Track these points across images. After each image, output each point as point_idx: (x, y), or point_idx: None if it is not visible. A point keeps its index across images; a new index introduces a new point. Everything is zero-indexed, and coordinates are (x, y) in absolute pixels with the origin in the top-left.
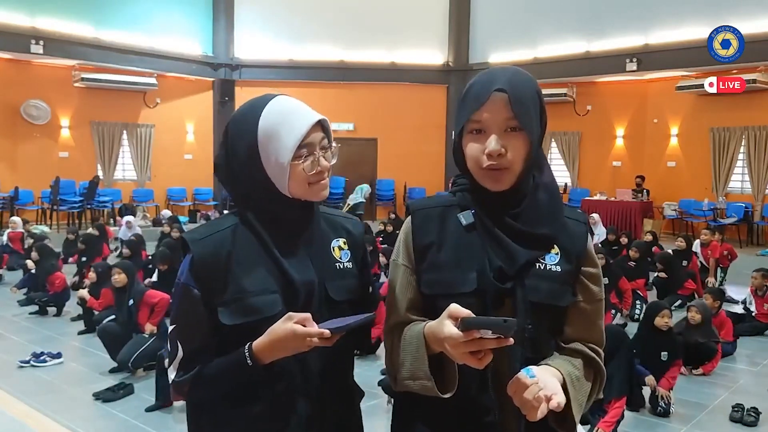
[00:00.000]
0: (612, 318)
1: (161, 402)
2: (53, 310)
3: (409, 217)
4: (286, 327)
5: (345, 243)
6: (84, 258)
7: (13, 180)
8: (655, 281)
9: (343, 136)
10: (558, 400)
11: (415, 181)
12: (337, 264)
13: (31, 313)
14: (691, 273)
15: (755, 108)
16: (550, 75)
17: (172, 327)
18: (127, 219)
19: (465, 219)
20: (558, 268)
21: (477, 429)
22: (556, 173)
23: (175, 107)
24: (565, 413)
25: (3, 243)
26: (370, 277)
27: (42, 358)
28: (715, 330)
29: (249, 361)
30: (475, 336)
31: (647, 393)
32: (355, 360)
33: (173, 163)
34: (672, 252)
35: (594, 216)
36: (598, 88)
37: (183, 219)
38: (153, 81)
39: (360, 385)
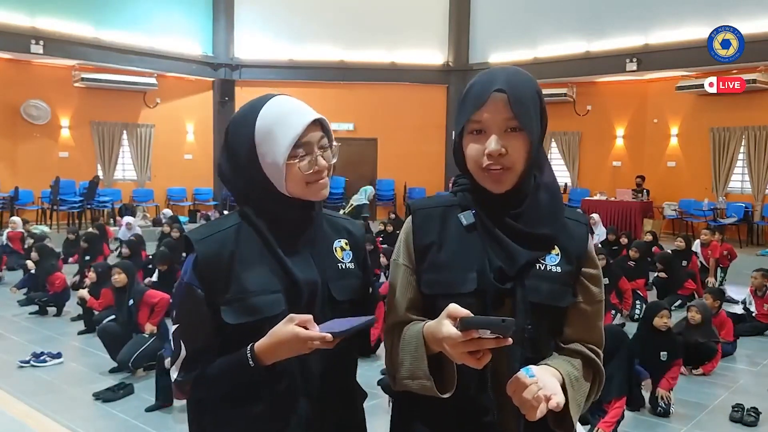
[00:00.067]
0: (612, 318)
1: (161, 402)
2: (53, 310)
3: (410, 217)
4: (287, 329)
5: (347, 244)
6: (87, 257)
7: (13, 180)
8: (655, 281)
9: (343, 136)
10: (557, 400)
11: (415, 181)
12: (340, 264)
13: (31, 313)
14: (691, 273)
15: (755, 108)
16: (550, 75)
17: (175, 326)
18: (127, 220)
19: (465, 219)
20: (558, 268)
21: (476, 429)
22: (556, 173)
23: (175, 107)
24: (564, 413)
25: (2, 243)
26: (370, 278)
27: (42, 358)
28: (715, 330)
29: (251, 362)
30: (474, 336)
31: (647, 393)
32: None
33: (173, 163)
34: (672, 252)
35: (594, 216)
36: (598, 88)
37: (183, 219)
38: (153, 81)
39: (361, 385)
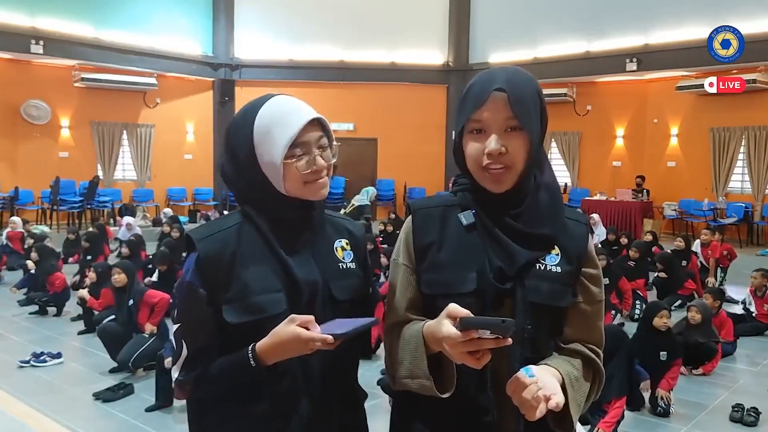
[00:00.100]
0: (612, 318)
1: (161, 402)
2: (53, 310)
3: (410, 217)
4: (289, 329)
5: (347, 244)
6: (89, 257)
7: (13, 180)
8: (655, 281)
9: (343, 136)
10: (557, 400)
11: (415, 181)
12: (341, 264)
13: (31, 313)
14: (691, 273)
15: (755, 108)
16: (550, 75)
17: (176, 326)
18: (127, 220)
19: (465, 219)
20: (558, 268)
21: (475, 429)
22: (556, 173)
23: (175, 107)
24: (564, 413)
25: (2, 243)
26: (371, 278)
27: (42, 358)
28: (715, 330)
29: (252, 362)
30: (474, 336)
31: (647, 393)
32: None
33: (173, 163)
34: (671, 252)
35: (594, 216)
36: (598, 88)
37: (183, 219)
38: (153, 81)
39: (361, 386)
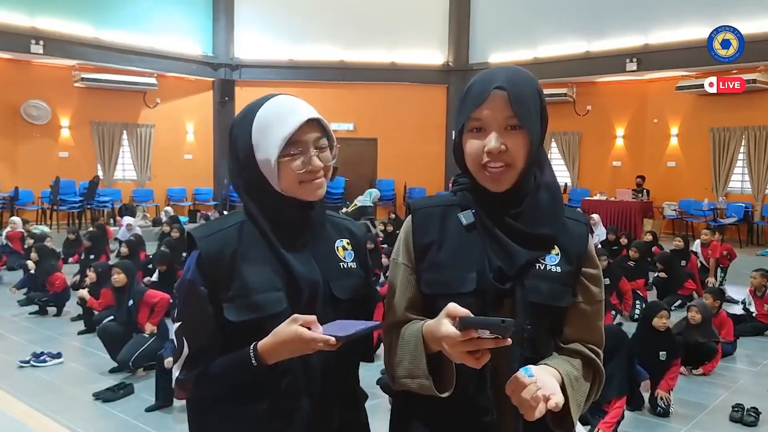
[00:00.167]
0: (612, 319)
1: (161, 402)
2: (53, 310)
3: (410, 216)
4: (291, 329)
5: (348, 243)
6: (92, 256)
7: (13, 180)
8: (655, 281)
9: (343, 136)
10: (556, 400)
11: (415, 181)
12: (342, 264)
13: (31, 313)
14: (690, 273)
15: (755, 108)
16: (550, 75)
17: (177, 324)
18: (127, 221)
19: (465, 219)
20: (558, 268)
21: (475, 429)
22: (556, 173)
23: (175, 107)
24: (564, 413)
25: (2, 243)
26: (371, 278)
27: (42, 358)
28: (715, 330)
29: (253, 361)
30: (473, 335)
31: (647, 393)
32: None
33: (173, 163)
34: (670, 252)
35: (594, 216)
36: (598, 88)
37: (183, 219)
38: (153, 81)
39: (361, 386)
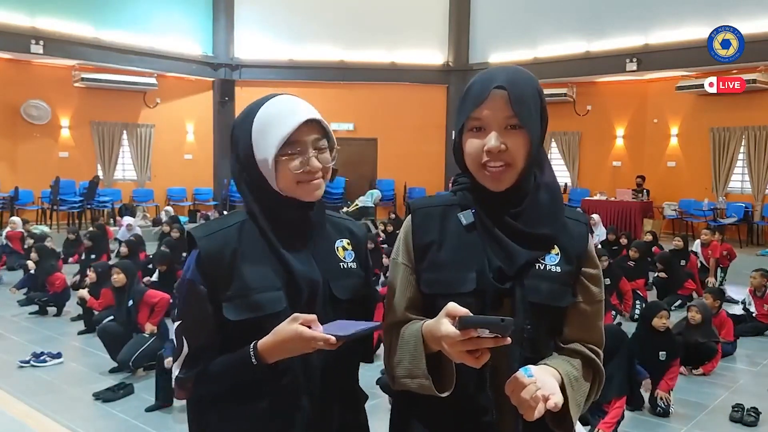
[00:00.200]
0: (612, 319)
1: (161, 402)
2: (53, 310)
3: (410, 216)
4: (291, 328)
5: (349, 243)
6: (93, 255)
7: (13, 180)
8: (655, 281)
9: (343, 136)
10: (555, 400)
11: (415, 181)
12: (342, 264)
13: (31, 313)
14: (690, 273)
15: (755, 108)
16: (550, 75)
17: (177, 323)
18: (128, 221)
19: (465, 218)
20: (558, 268)
21: (474, 428)
22: (556, 173)
23: (175, 107)
24: (563, 413)
25: (2, 243)
26: (371, 278)
27: (42, 358)
28: (715, 330)
29: (253, 360)
30: (473, 335)
31: (647, 393)
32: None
33: (173, 163)
34: (670, 251)
35: (594, 217)
36: (598, 88)
37: (183, 219)
38: (153, 81)
39: (361, 386)
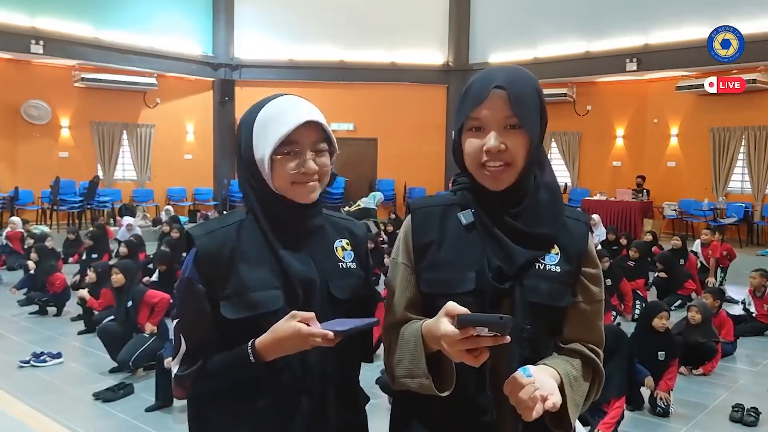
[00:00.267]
0: (613, 319)
1: (161, 402)
2: (53, 310)
3: (410, 216)
4: (289, 325)
5: (348, 243)
6: (94, 255)
7: (13, 180)
8: (655, 281)
9: (343, 136)
10: (553, 400)
11: (415, 181)
12: (341, 264)
13: (31, 313)
14: (690, 273)
15: (755, 108)
16: (550, 75)
17: (176, 321)
18: (128, 221)
19: (465, 218)
20: (558, 268)
21: (474, 428)
22: (556, 173)
23: (175, 107)
24: (562, 413)
25: (2, 243)
26: (371, 278)
27: (42, 358)
28: (715, 330)
29: (252, 358)
30: (472, 333)
31: (647, 392)
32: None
33: (173, 163)
34: (669, 251)
35: (594, 217)
36: (598, 88)
37: (183, 219)
38: (153, 81)
39: (363, 389)
